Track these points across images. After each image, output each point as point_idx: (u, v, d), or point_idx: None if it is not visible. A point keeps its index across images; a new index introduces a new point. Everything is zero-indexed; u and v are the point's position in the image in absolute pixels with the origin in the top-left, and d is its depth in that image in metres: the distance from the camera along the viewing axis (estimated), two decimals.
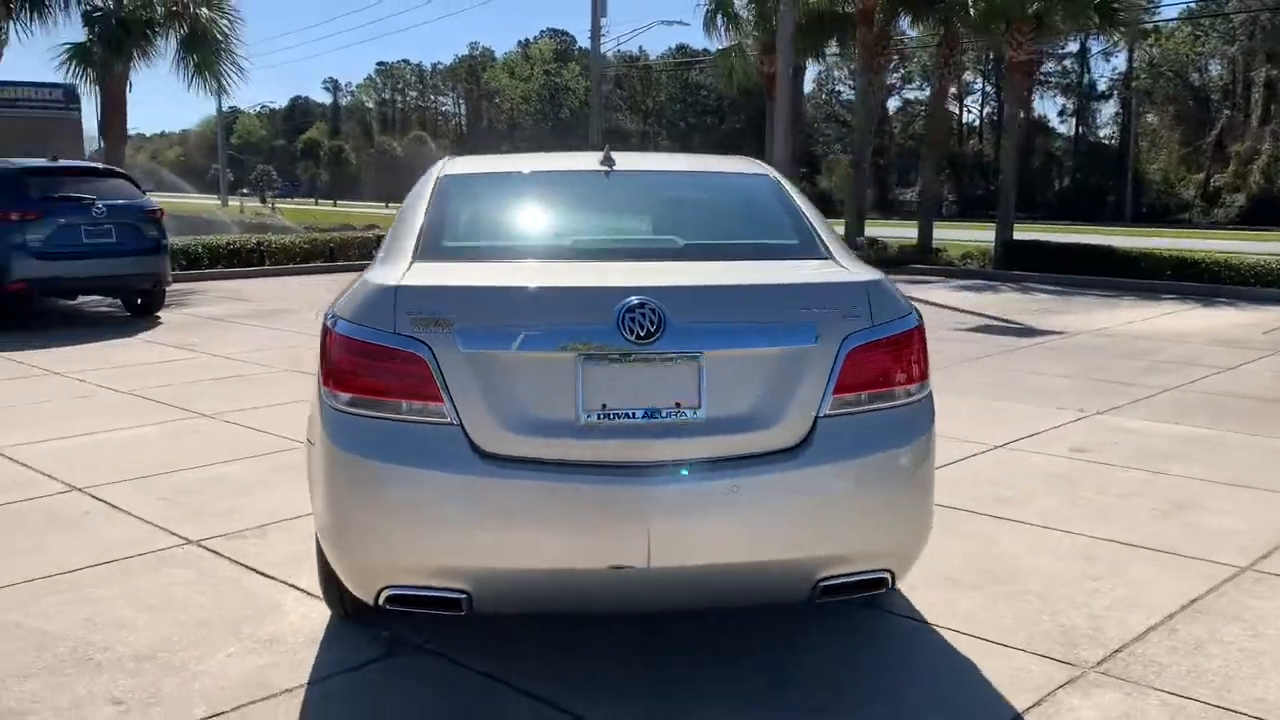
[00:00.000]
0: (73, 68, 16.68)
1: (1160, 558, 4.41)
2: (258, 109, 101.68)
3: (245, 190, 68.09)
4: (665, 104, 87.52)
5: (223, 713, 3.14)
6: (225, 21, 17.20)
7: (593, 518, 2.80)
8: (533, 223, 3.69)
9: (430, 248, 3.35)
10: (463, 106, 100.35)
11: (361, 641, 3.61)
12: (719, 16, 24.05)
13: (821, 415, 2.92)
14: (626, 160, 4.01)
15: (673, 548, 2.80)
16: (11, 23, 15.96)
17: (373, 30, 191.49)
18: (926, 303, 13.90)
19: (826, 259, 3.33)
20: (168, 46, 17.19)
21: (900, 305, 3.13)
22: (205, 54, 17.28)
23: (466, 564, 2.84)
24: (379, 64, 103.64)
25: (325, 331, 3.05)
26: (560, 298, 2.96)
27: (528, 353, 2.85)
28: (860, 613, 3.83)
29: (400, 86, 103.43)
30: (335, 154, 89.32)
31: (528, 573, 2.86)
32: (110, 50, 15.91)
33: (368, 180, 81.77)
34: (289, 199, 70.99)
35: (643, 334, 2.83)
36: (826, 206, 24.21)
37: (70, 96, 27.89)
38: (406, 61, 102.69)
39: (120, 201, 11.51)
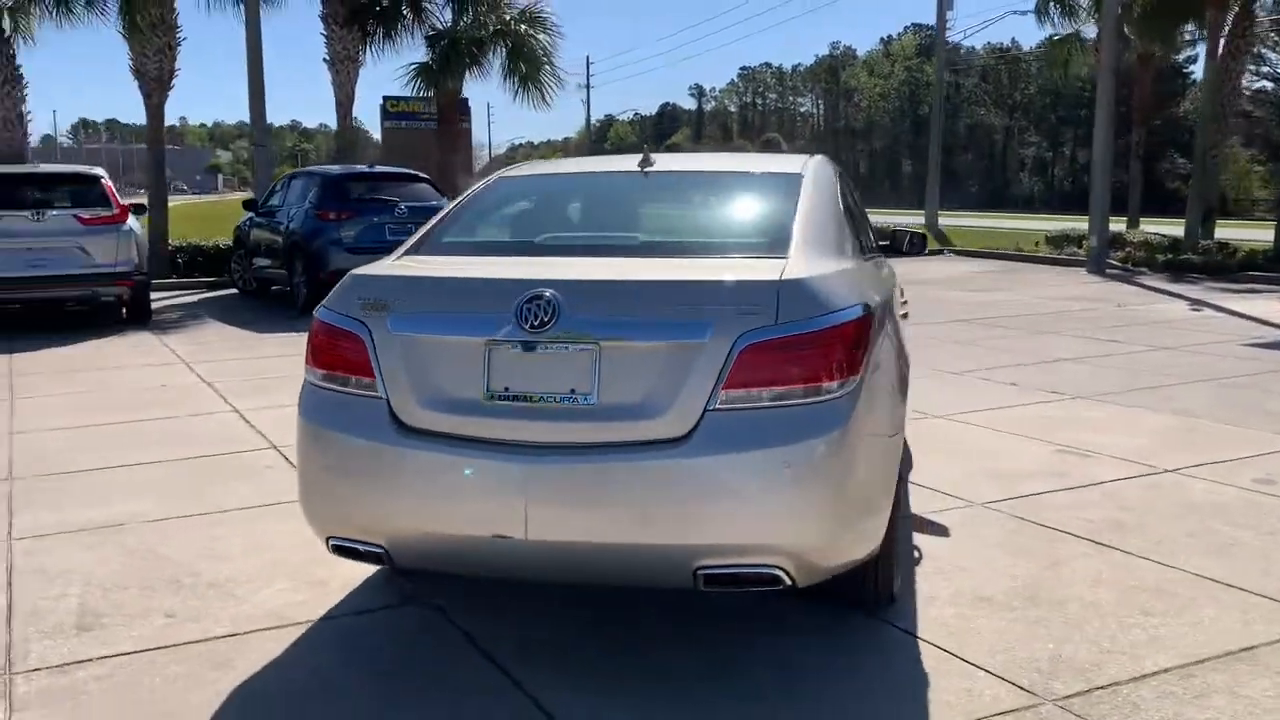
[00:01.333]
0: (416, 84, 18.84)
1: (1251, 601, 3.91)
2: (629, 116, 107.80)
3: None
4: (1034, 97, 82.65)
5: (236, 634, 3.72)
6: (545, 37, 18.68)
7: (479, 490, 3.06)
8: (524, 222, 4.00)
9: (429, 242, 3.76)
10: (820, 107, 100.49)
11: (387, 591, 4.09)
12: (1051, 3, 22.68)
13: (710, 408, 2.99)
14: (666, 162, 4.21)
15: (548, 523, 3.00)
16: (366, 47, 18.33)
17: (738, 32, 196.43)
18: (1233, 314, 12.47)
19: (777, 259, 3.33)
20: (496, 62, 18.93)
21: (824, 304, 3.09)
22: (529, 68, 18.83)
23: (381, 523, 3.20)
24: (741, 68, 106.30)
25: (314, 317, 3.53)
26: (475, 288, 3.25)
27: (444, 336, 3.18)
28: (853, 619, 3.77)
29: (760, 89, 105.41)
30: None
31: (427, 535, 3.17)
32: (442, 68, 17.82)
33: None
34: None
35: (537, 323, 3.05)
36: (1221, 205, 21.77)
37: (463, 109, 31.22)
38: (768, 64, 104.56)
39: (420, 203, 12.97)
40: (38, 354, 10.01)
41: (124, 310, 11.99)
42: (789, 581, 3.07)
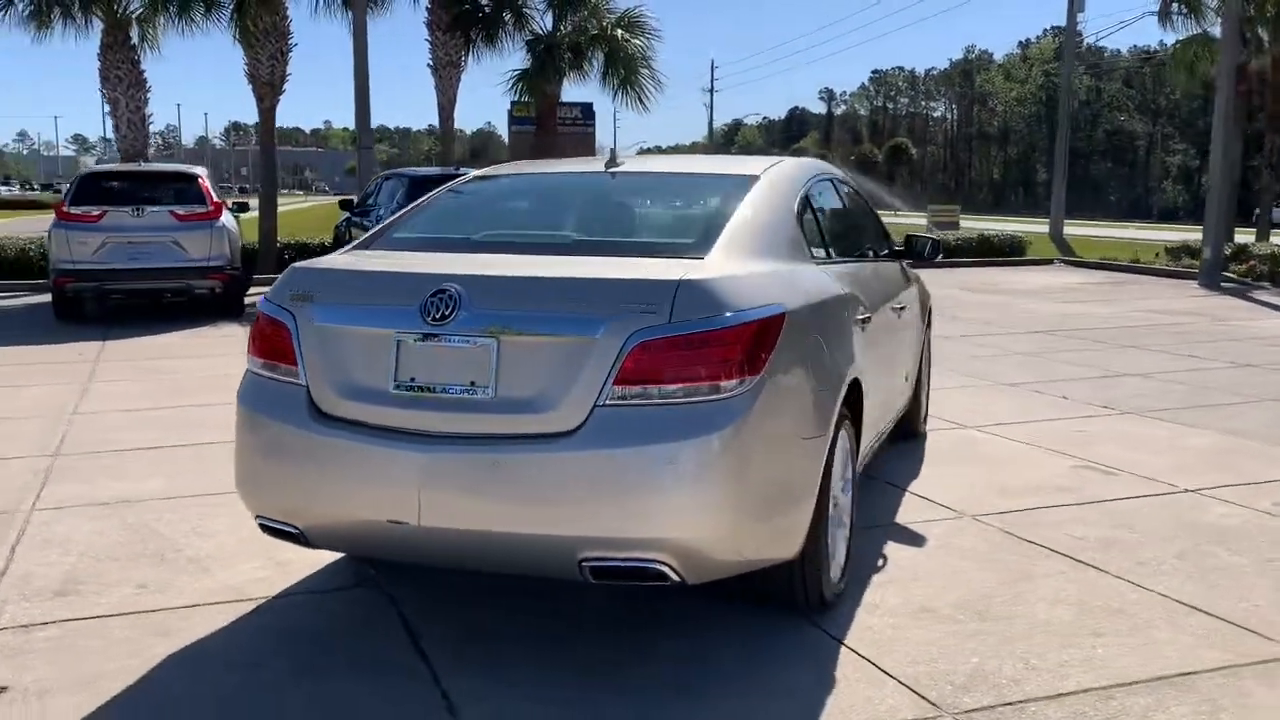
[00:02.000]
0: (519, 89, 19.23)
1: (1213, 626, 3.73)
2: (756, 120, 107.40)
3: None
4: (1180, 102, 78.93)
5: (196, 605, 3.93)
6: (641, 41, 18.81)
7: (377, 476, 3.17)
8: (473, 219, 4.10)
9: (381, 237, 3.91)
10: (954, 111, 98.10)
11: (345, 573, 4.25)
12: (1175, 3, 21.68)
13: (599, 404, 3.03)
14: (636, 163, 4.29)
15: (438, 510, 3.09)
16: (468, 52, 18.82)
17: (869, 33, 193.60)
18: None
19: (693, 259, 3.34)
20: (594, 66, 19.16)
21: (725, 304, 3.09)
22: (627, 72, 19.00)
23: (296, 505, 3.35)
24: (873, 71, 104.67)
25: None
26: (388, 282, 3.37)
27: (357, 328, 3.30)
28: (784, 623, 3.74)
29: (892, 93, 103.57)
30: None
31: (333, 518, 3.30)
32: (539, 73, 18.16)
33: None
34: None
35: (439, 317, 3.15)
36: None
37: (587, 113, 31.68)
38: (900, 67, 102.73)
39: None
40: (129, 341, 10.65)
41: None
42: (676, 578, 3.08)
